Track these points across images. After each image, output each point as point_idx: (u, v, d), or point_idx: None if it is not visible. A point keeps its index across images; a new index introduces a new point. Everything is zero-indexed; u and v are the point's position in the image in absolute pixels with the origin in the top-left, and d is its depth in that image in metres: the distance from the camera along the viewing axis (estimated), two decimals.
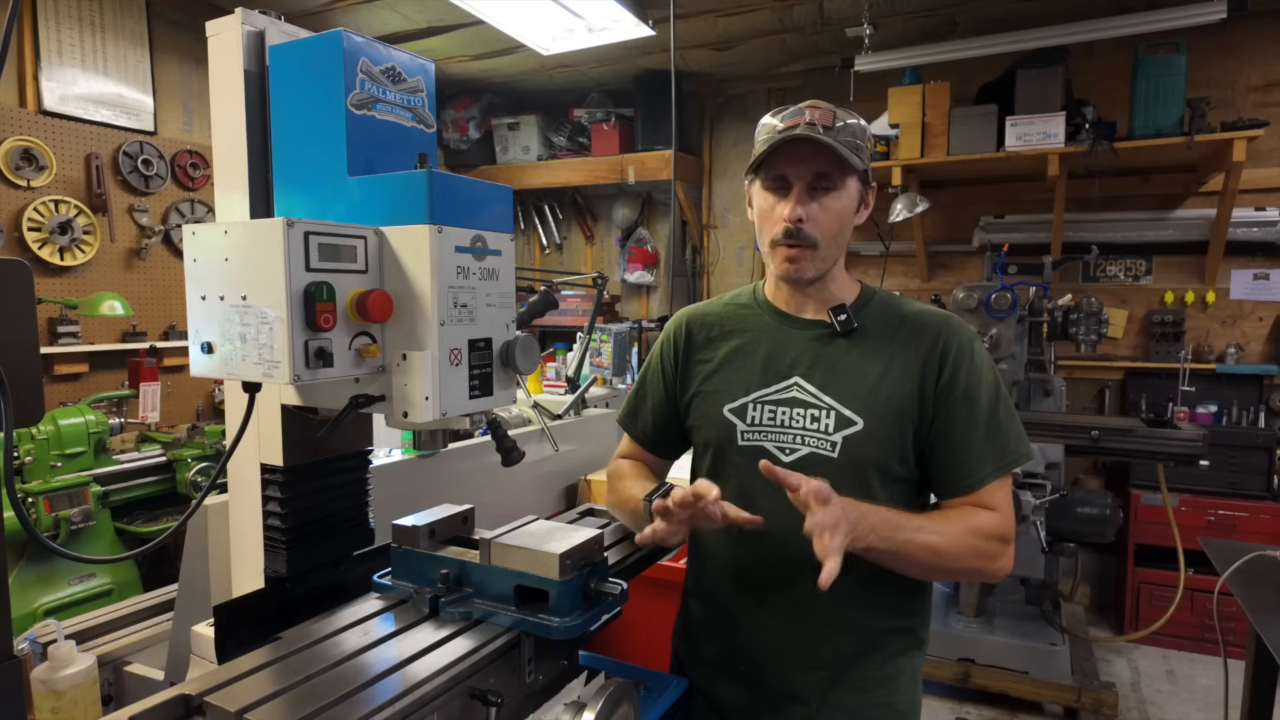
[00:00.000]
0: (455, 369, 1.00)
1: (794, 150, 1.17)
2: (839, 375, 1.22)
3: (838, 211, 1.20)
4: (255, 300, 0.92)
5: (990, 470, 1.17)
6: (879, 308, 1.27)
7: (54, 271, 3.35)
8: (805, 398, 1.22)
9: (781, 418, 1.23)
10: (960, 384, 1.18)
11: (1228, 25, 3.41)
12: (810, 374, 1.23)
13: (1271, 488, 3.62)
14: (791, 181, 1.19)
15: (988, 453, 1.17)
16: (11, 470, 0.82)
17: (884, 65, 3.88)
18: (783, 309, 1.31)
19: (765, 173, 1.22)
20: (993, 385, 1.20)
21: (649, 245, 5.36)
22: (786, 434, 1.22)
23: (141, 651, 1.64)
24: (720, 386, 1.30)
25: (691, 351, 1.37)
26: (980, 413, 1.18)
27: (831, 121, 1.17)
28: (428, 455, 1.91)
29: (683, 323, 1.41)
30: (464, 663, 0.96)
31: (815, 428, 1.20)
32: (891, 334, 1.23)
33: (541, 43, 3.87)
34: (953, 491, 1.19)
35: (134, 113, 3.65)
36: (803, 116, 1.17)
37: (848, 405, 1.19)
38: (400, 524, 1.16)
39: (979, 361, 1.21)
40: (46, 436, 2.59)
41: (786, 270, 1.23)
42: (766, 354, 1.28)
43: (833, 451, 1.19)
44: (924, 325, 1.23)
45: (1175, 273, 4.10)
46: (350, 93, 1.03)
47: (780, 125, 1.19)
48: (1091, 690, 2.97)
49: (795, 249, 1.20)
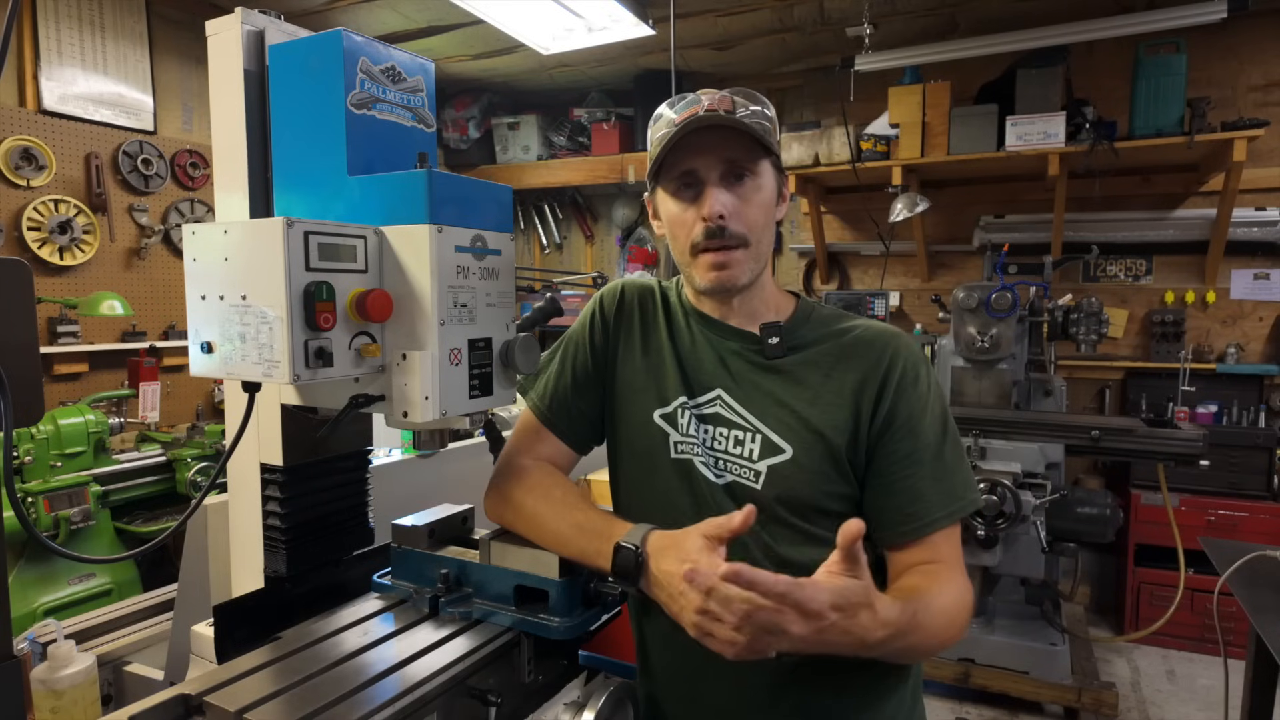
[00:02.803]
0: (455, 369, 1.00)
1: (698, 141, 1.01)
2: (765, 395, 1.06)
3: (760, 203, 1.05)
4: (255, 300, 0.91)
5: (940, 516, 1.00)
6: (817, 324, 1.10)
7: (54, 271, 3.35)
8: (730, 416, 1.07)
9: (704, 435, 1.07)
10: (901, 414, 1.01)
11: (1228, 25, 3.42)
12: (734, 390, 1.08)
13: (1271, 488, 3.62)
14: (702, 176, 1.03)
15: (935, 495, 1.00)
16: (11, 470, 0.82)
17: (884, 65, 3.88)
18: (707, 314, 1.14)
19: (669, 174, 1.05)
20: (939, 417, 1.04)
21: (649, 245, 5.36)
22: (710, 455, 1.06)
23: (141, 651, 1.64)
24: (648, 385, 1.13)
25: (623, 326, 1.18)
26: (924, 449, 1.01)
27: (731, 107, 1.02)
28: (428, 455, 1.91)
29: (619, 291, 1.21)
30: (464, 663, 0.96)
31: (739, 452, 1.05)
32: (827, 352, 1.07)
33: (541, 42, 3.87)
34: (895, 539, 1.01)
35: (134, 112, 3.65)
36: (699, 105, 1.03)
37: (775, 430, 1.03)
38: (400, 524, 1.16)
39: (924, 388, 1.04)
40: (46, 436, 2.59)
41: (716, 280, 1.04)
42: (689, 360, 1.11)
43: (755, 482, 1.03)
44: (865, 344, 1.06)
45: (1175, 273, 4.10)
46: (350, 92, 1.03)
47: (677, 118, 1.03)
48: (1091, 690, 2.97)
49: (722, 252, 1.03)
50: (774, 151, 1.05)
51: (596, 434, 1.22)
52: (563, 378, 1.18)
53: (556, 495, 1.07)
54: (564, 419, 1.18)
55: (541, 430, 1.18)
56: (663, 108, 1.08)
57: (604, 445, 1.24)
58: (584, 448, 1.21)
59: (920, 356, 1.06)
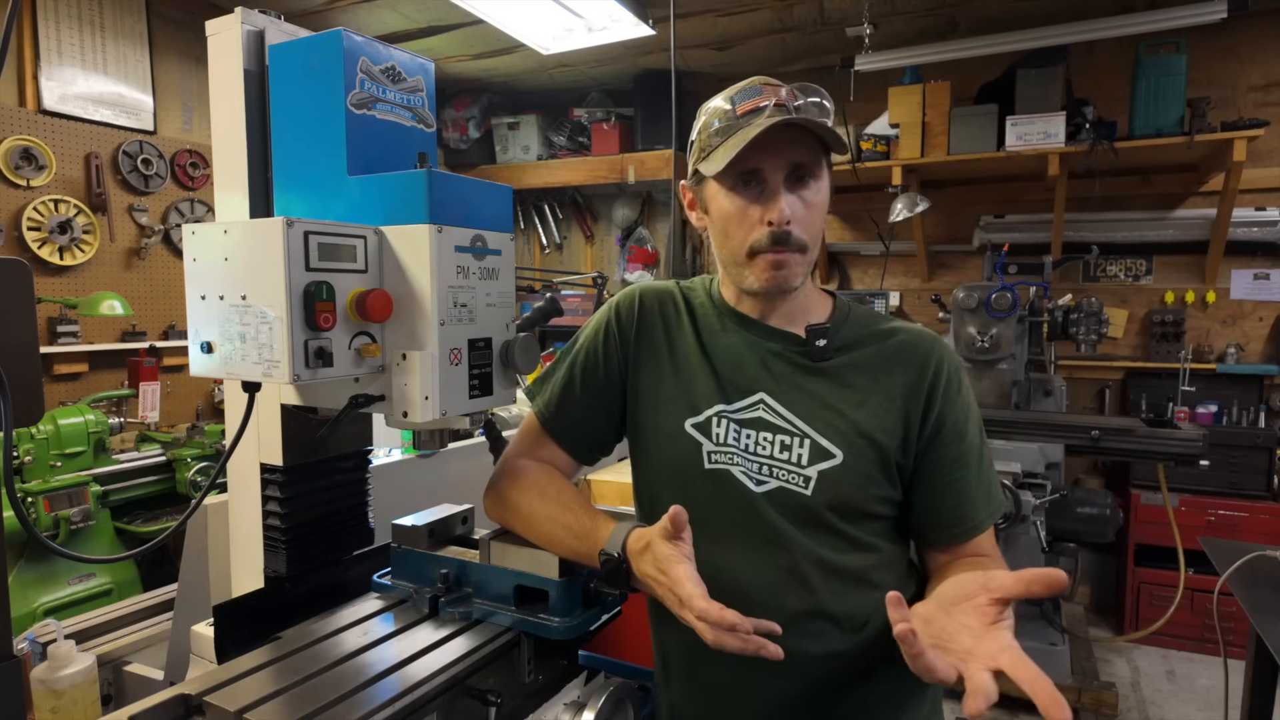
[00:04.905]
0: (455, 369, 1.00)
1: (765, 138, 0.95)
2: (812, 398, 1.03)
3: (820, 207, 1.02)
4: (255, 300, 0.91)
5: (985, 517, 1.02)
6: (856, 325, 1.09)
7: (53, 271, 3.34)
8: (774, 420, 1.03)
9: (746, 441, 1.03)
10: (949, 419, 1.02)
11: (1228, 25, 3.41)
12: (778, 393, 1.04)
13: (1271, 488, 3.62)
14: (766, 176, 0.99)
15: (980, 498, 1.02)
16: (11, 470, 0.82)
17: (884, 65, 3.88)
18: (745, 314, 1.10)
19: (733, 169, 0.99)
20: (978, 421, 1.06)
21: (649, 245, 5.36)
22: (752, 460, 1.02)
23: (141, 651, 1.64)
24: (677, 393, 1.08)
25: (644, 336, 1.13)
26: (971, 452, 1.03)
27: (791, 99, 0.98)
28: (428, 455, 1.91)
29: (636, 300, 1.15)
30: (464, 662, 0.96)
31: (786, 458, 1.01)
32: (872, 355, 1.05)
33: (541, 42, 3.87)
34: (945, 540, 1.03)
35: (134, 112, 3.65)
36: (762, 96, 0.98)
37: (824, 434, 1.00)
38: (400, 524, 1.16)
39: (966, 393, 1.06)
40: (46, 436, 2.59)
41: (772, 280, 1.01)
42: (726, 363, 1.07)
43: (806, 488, 0.99)
44: (910, 347, 1.05)
45: (1175, 273, 4.10)
46: (350, 92, 1.03)
47: (737, 109, 0.99)
48: (1091, 690, 2.98)
49: (784, 254, 0.99)
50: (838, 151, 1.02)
51: (600, 445, 1.18)
52: (570, 386, 1.14)
53: (551, 494, 1.06)
54: (566, 427, 1.15)
55: (543, 436, 1.16)
56: (715, 98, 1.05)
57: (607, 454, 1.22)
58: (585, 458, 1.18)
59: (959, 360, 1.07)
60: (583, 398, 1.14)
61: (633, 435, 1.15)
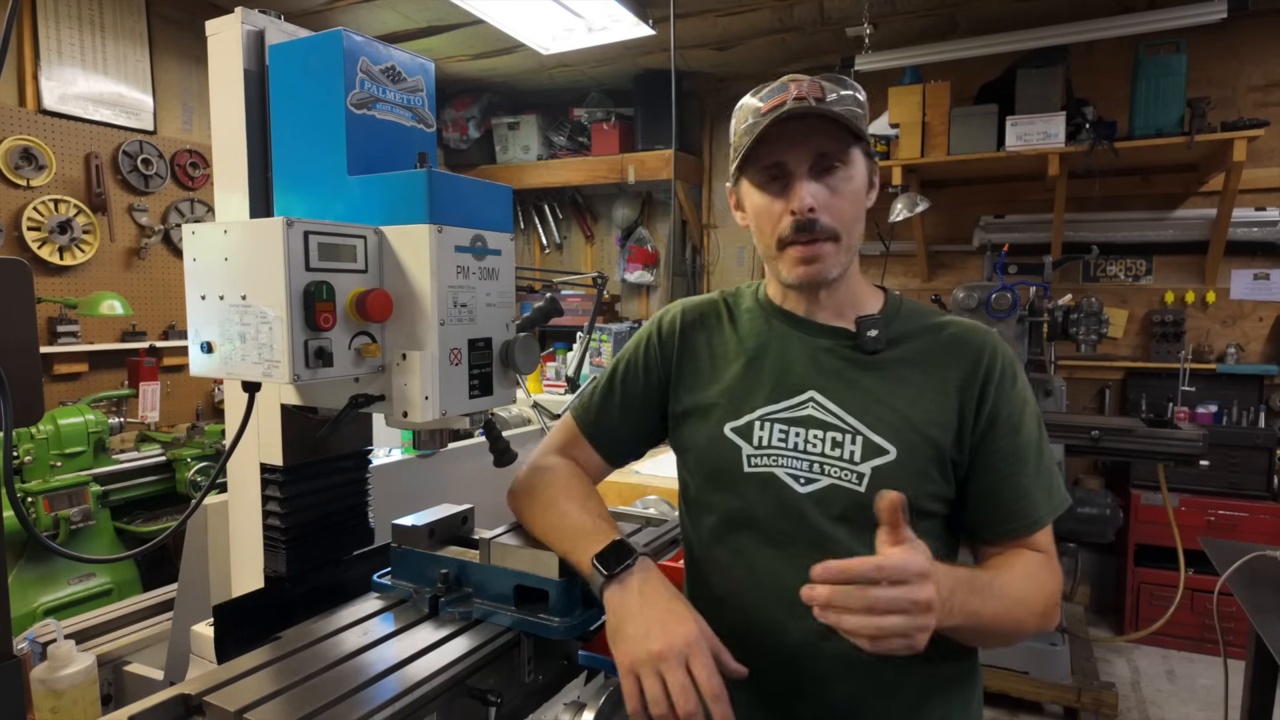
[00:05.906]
0: (455, 369, 1.00)
1: (786, 132, 0.97)
2: (863, 394, 1.02)
3: (851, 194, 1.01)
4: (255, 300, 0.91)
5: (1045, 513, 1.01)
6: (907, 319, 1.08)
7: (53, 271, 3.34)
8: (824, 417, 1.02)
9: (795, 440, 1.02)
10: (1004, 413, 1.00)
11: (1228, 25, 3.42)
12: (828, 390, 1.03)
13: (1271, 488, 3.62)
14: (790, 168, 1.00)
15: (1039, 493, 1.00)
16: (11, 470, 0.82)
17: (884, 65, 3.88)
18: (792, 311, 1.10)
19: (755, 165, 1.02)
20: (1036, 415, 1.04)
21: (649, 245, 5.36)
22: (801, 460, 1.01)
23: (141, 651, 1.64)
24: (720, 400, 1.09)
25: (686, 352, 1.16)
26: (1028, 446, 1.01)
27: (821, 93, 0.99)
28: (428, 455, 1.90)
29: (677, 316, 1.19)
30: (464, 662, 0.96)
31: (837, 455, 1.00)
32: (924, 348, 1.04)
33: (541, 42, 3.87)
34: (1002, 535, 1.01)
35: (134, 112, 3.65)
36: (787, 92, 0.99)
37: (876, 430, 0.99)
38: (400, 524, 1.16)
39: (1022, 386, 1.03)
40: (46, 436, 2.59)
41: (804, 274, 1.01)
42: (775, 363, 1.07)
43: (859, 484, 0.98)
44: (963, 341, 1.03)
45: (1175, 273, 4.10)
46: (350, 92, 1.03)
47: (763, 106, 1.00)
48: (1091, 690, 2.98)
49: (812, 245, 1.00)
50: (865, 139, 1.01)
51: (630, 451, 1.23)
52: (610, 395, 1.20)
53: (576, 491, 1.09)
54: (603, 431, 1.20)
55: (579, 437, 1.21)
56: (747, 96, 1.05)
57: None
58: (615, 461, 1.22)
59: (1014, 354, 1.05)
60: (620, 406, 1.19)
61: (677, 448, 1.17)
